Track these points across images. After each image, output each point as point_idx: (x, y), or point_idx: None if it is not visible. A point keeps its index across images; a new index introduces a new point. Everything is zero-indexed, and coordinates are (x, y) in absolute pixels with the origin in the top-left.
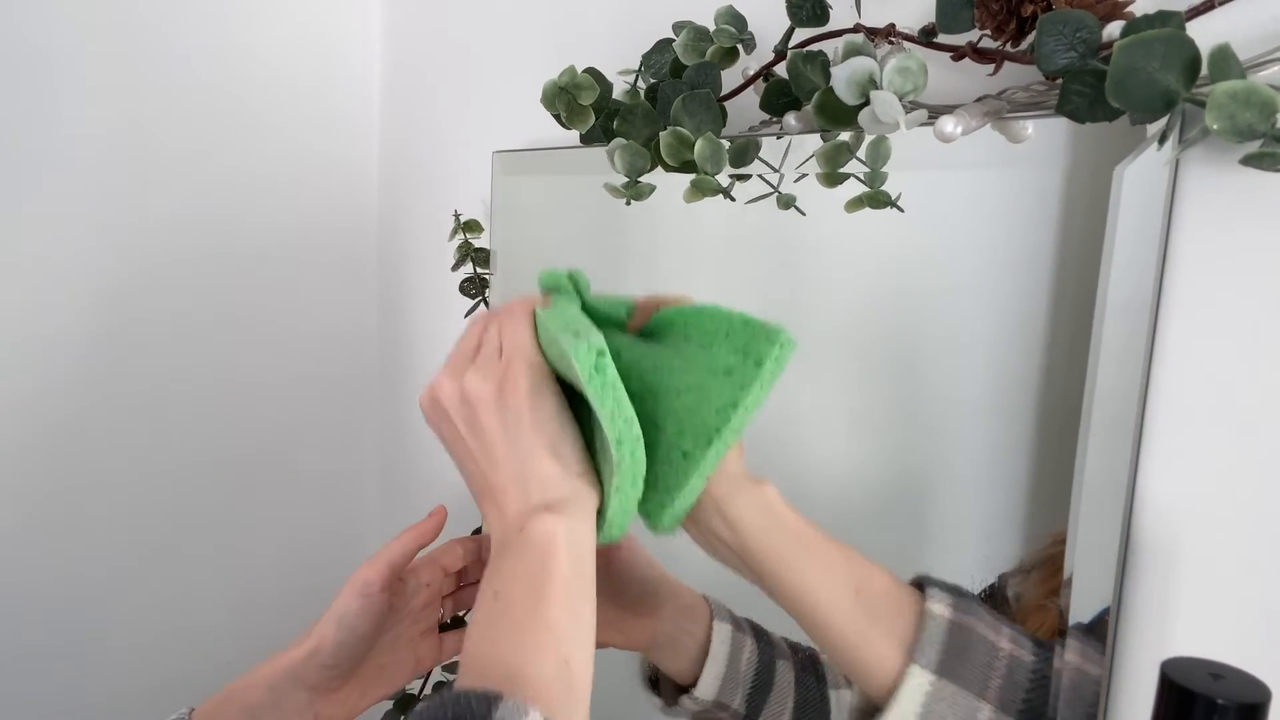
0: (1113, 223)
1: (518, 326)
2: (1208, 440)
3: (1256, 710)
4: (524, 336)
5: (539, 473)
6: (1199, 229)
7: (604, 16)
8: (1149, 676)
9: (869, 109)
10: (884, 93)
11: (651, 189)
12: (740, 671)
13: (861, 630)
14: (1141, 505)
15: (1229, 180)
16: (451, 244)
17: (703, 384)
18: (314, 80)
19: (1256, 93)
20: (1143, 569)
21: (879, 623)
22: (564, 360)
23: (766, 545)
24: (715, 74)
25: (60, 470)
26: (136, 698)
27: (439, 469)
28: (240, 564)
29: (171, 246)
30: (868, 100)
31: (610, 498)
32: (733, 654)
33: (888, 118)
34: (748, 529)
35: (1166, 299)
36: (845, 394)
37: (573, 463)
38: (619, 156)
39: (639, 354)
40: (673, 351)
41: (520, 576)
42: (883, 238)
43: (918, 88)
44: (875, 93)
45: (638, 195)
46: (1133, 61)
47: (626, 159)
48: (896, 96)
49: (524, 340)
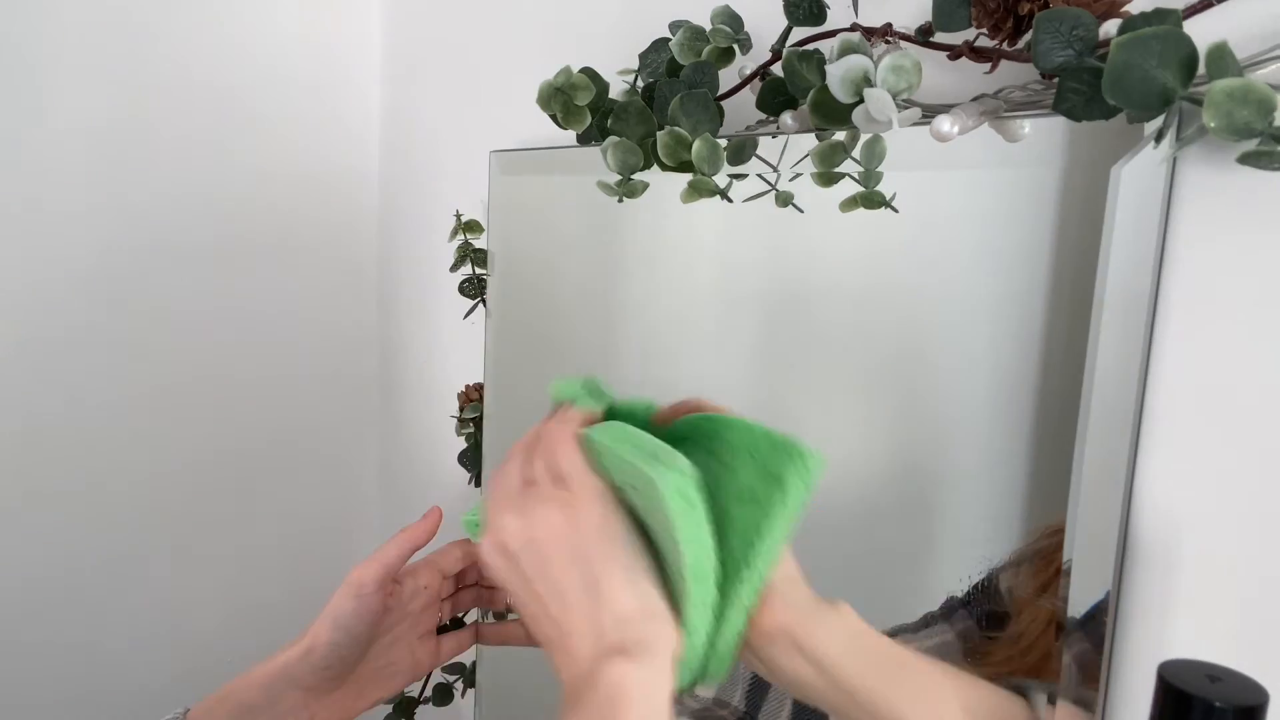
0: (1110, 221)
1: (569, 452)
2: (1206, 439)
3: (1254, 713)
4: (581, 461)
5: (615, 611)
6: (1196, 228)
7: (603, 17)
8: (1147, 679)
9: (862, 107)
10: (878, 90)
11: (645, 186)
12: (739, 668)
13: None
14: (1139, 504)
15: (1227, 179)
16: (451, 244)
17: (727, 510)
18: (314, 80)
19: (1254, 91)
20: (1141, 568)
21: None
22: (643, 488)
23: (861, 674)
24: (712, 73)
25: (59, 469)
26: (133, 695)
27: (438, 469)
28: (238, 563)
29: (171, 246)
30: (862, 99)
31: (694, 639)
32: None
33: (881, 116)
34: (835, 661)
35: (1164, 298)
36: (842, 394)
37: (652, 600)
38: (612, 154)
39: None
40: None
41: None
42: (879, 237)
43: (911, 86)
44: (869, 90)
45: (630, 193)
46: (1130, 59)
47: (619, 156)
48: (890, 95)
49: (582, 465)
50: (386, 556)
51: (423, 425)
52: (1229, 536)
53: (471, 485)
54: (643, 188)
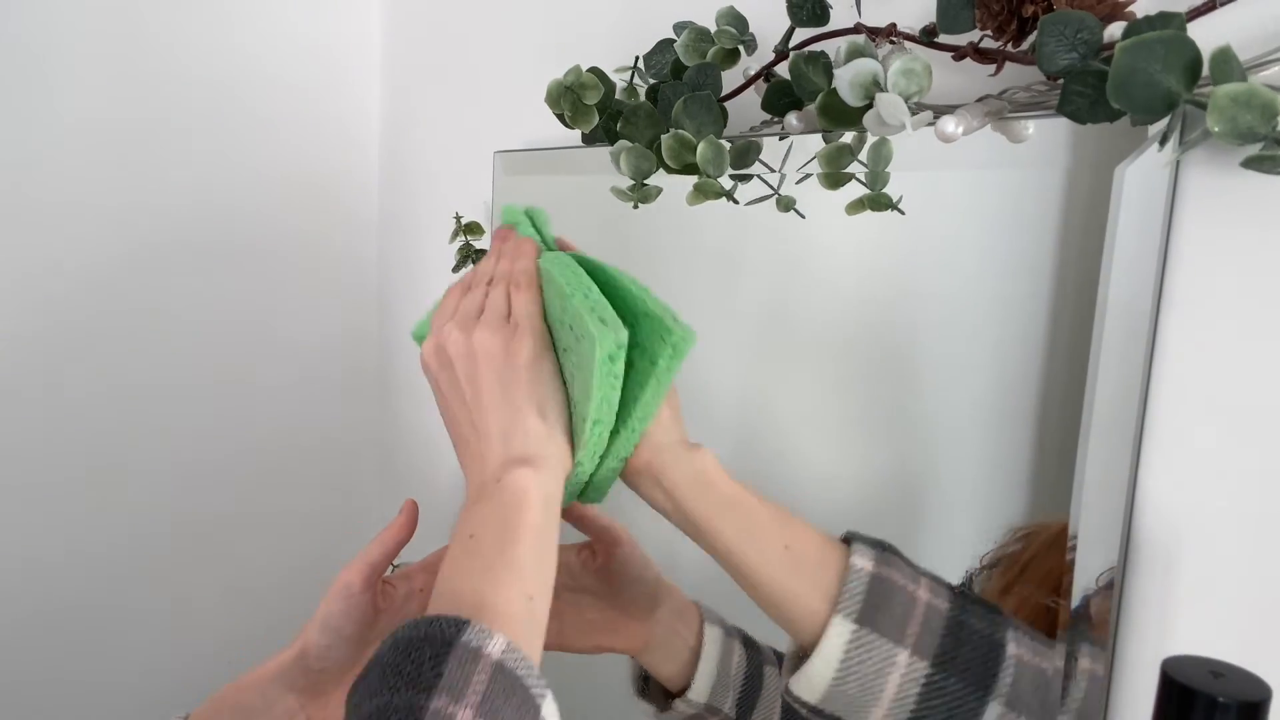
0: (1113, 223)
1: (526, 295)
2: (1208, 440)
3: (1257, 708)
4: (534, 305)
5: (523, 428)
6: (1200, 230)
7: (605, 17)
8: (1150, 675)
9: (874, 111)
10: (890, 95)
11: (658, 191)
12: (731, 675)
13: (790, 585)
14: (1142, 504)
15: (1230, 181)
16: (453, 245)
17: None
18: (314, 81)
19: (1258, 95)
20: (1143, 567)
21: (806, 578)
22: (582, 338)
23: (699, 509)
24: (716, 75)
25: (57, 469)
26: (136, 694)
27: (438, 468)
28: (238, 563)
29: (171, 247)
30: (871, 102)
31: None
32: (723, 657)
33: (894, 120)
34: (682, 495)
35: (1167, 299)
36: (846, 395)
37: (556, 425)
38: (624, 159)
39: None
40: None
41: (493, 521)
42: (883, 238)
43: (922, 89)
44: (880, 95)
45: (644, 198)
46: (1134, 62)
47: (632, 162)
48: (902, 98)
49: (534, 309)
50: (371, 556)
51: (423, 426)
52: (1231, 534)
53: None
54: (656, 193)
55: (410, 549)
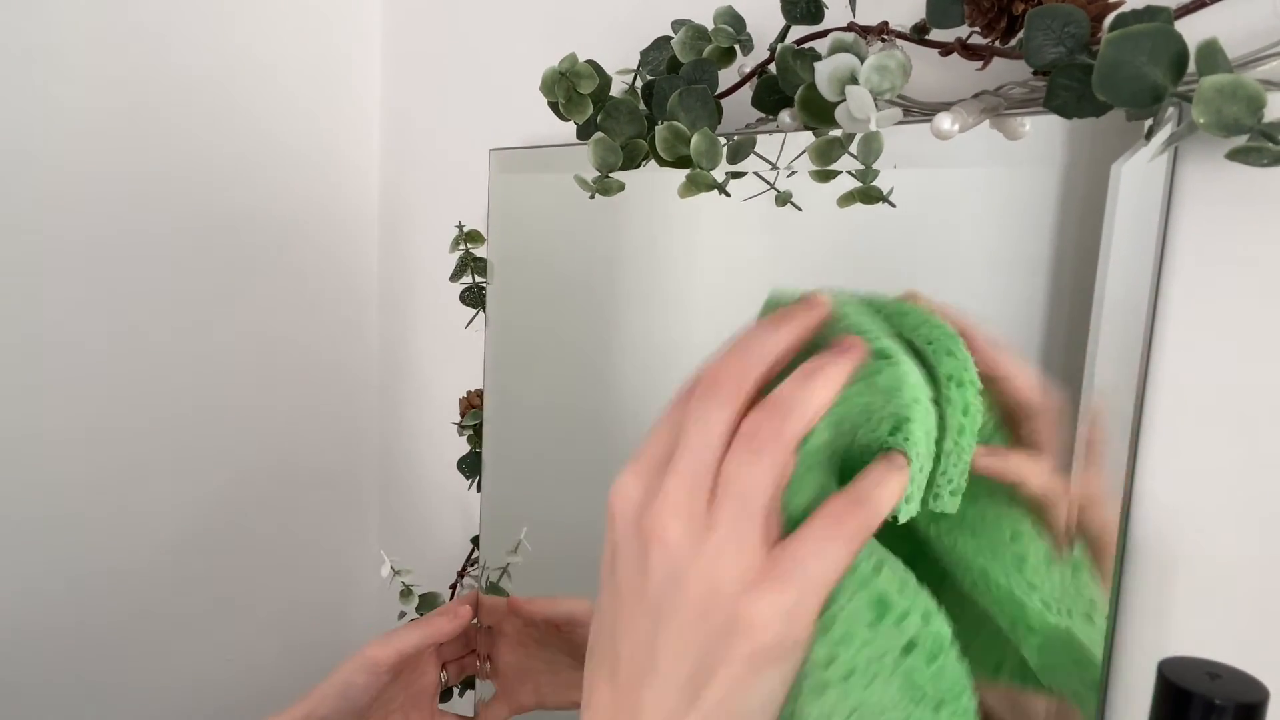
0: (1110, 220)
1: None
2: (1206, 438)
3: (1254, 710)
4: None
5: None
6: (1197, 226)
7: (603, 16)
8: (1147, 676)
9: (844, 105)
10: (858, 89)
11: (621, 186)
12: None
13: None
14: (1139, 504)
15: (1227, 176)
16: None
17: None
18: (314, 81)
19: (1243, 87)
20: (1140, 568)
21: None
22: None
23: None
24: (712, 71)
25: (57, 468)
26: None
27: (439, 474)
28: (233, 571)
29: (169, 246)
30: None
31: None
32: None
33: (860, 114)
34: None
35: (1164, 296)
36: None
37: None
38: (593, 150)
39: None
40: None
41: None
42: (878, 235)
43: (895, 86)
44: (849, 88)
45: (605, 190)
46: (1120, 55)
47: (599, 153)
48: (871, 94)
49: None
50: (405, 644)
51: (423, 427)
52: (1229, 535)
53: (472, 490)
54: (619, 187)
55: (410, 556)
